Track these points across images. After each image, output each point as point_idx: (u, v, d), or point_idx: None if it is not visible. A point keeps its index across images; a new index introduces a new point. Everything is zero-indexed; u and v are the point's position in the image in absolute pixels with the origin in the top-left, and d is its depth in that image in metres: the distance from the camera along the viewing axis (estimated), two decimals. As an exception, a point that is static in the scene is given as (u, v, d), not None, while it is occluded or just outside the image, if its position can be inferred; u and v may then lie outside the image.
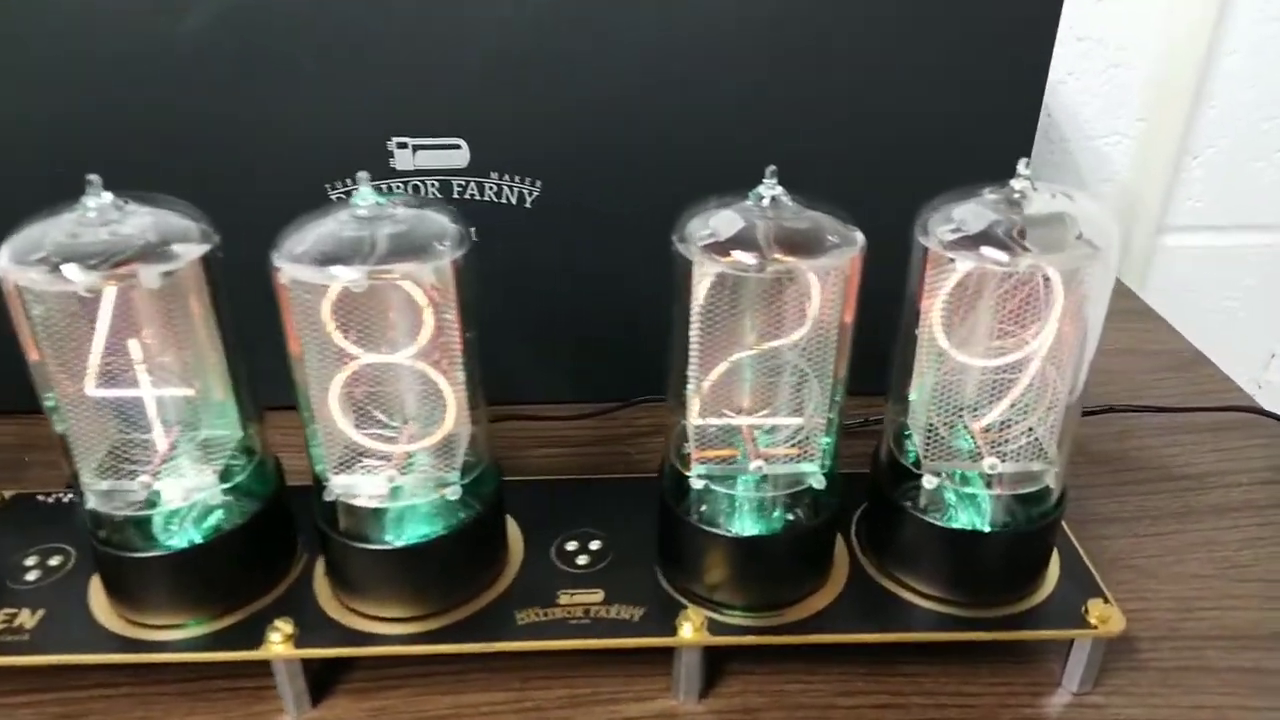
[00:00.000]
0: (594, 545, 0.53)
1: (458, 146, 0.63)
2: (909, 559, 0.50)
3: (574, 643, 0.47)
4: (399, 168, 0.63)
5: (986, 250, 0.42)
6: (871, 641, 0.48)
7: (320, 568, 0.51)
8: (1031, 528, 0.48)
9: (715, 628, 0.48)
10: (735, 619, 0.48)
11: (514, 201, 0.65)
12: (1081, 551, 0.53)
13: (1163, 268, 1.01)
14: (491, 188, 0.64)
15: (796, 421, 0.47)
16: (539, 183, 0.64)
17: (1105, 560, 0.58)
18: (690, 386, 0.46)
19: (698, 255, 0.43)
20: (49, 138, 0.60)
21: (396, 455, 0.47)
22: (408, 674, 0.50)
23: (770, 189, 0.43)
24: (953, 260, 0.42)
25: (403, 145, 0.63)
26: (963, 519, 0.48)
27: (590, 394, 0.70)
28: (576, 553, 0.53)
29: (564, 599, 0.50)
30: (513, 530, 0.54)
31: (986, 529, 0.48)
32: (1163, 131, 0.94)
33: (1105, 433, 0.70)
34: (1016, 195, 0.43)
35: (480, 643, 0.47)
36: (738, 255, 0.42)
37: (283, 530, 0.52)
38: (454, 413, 0.47)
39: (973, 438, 0.48)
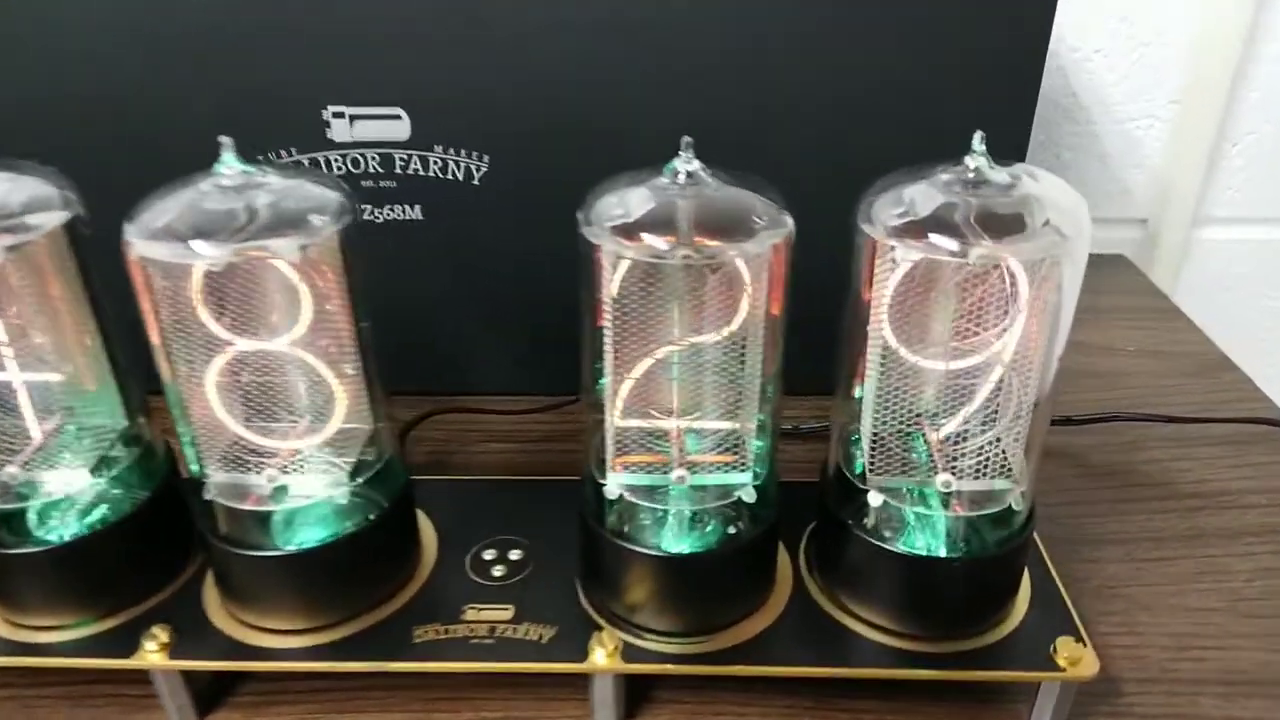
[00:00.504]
0: (514, 555, 0.48)
1: (398, 117, 0.58)
2: (855, 584, 0.44)
3: (469, 665, 0.43)
4: (336, 139, 0.59)
5: (934, 238, 0.36)
6: (799, 675, 0.43)
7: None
8: (994, 553, 0.42)
9: (632, 653, 0.43)
10: (655, 644, 0.43)
11: (460, 178, 0.60)
12: (1057, 579, 0.47)
13: (1197, 263, 0.93)
14: (436, 162, 0.60)
15: (724, 425, 0.42)
16: (487, 158, 0.59)
17: (1094, 588, 0.52)
18: (605, 386, 0.41)
19: (605, 239, 0.38)
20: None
21: (283, 452, 0.43)
22: (304, 689, 0.46)
23: (687, 163, 0.38)
24: (894, 249, 0.37)
25: (339, 115, 0.58)
26: (917, 541, 0.43)
27: (544, 385, 0.65)
28: (493, 562, 0.48)
29: (470, 614, 0.45)
30: (429, 535, 0.50)
31: (941, 553, 0.42)
32: (1199, 115, 0.86)
33: (1110, 443, 0.63)
34: (971, 175, 0.37)
35: (367, 661, 0.43)
36: (649, 239, 0.37)
37: (173, 526, 0.47)
38: (342, 407, 0.42)
39: (929, 449, 0.43)
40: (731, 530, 0.43)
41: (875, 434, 0.42)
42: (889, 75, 0.57)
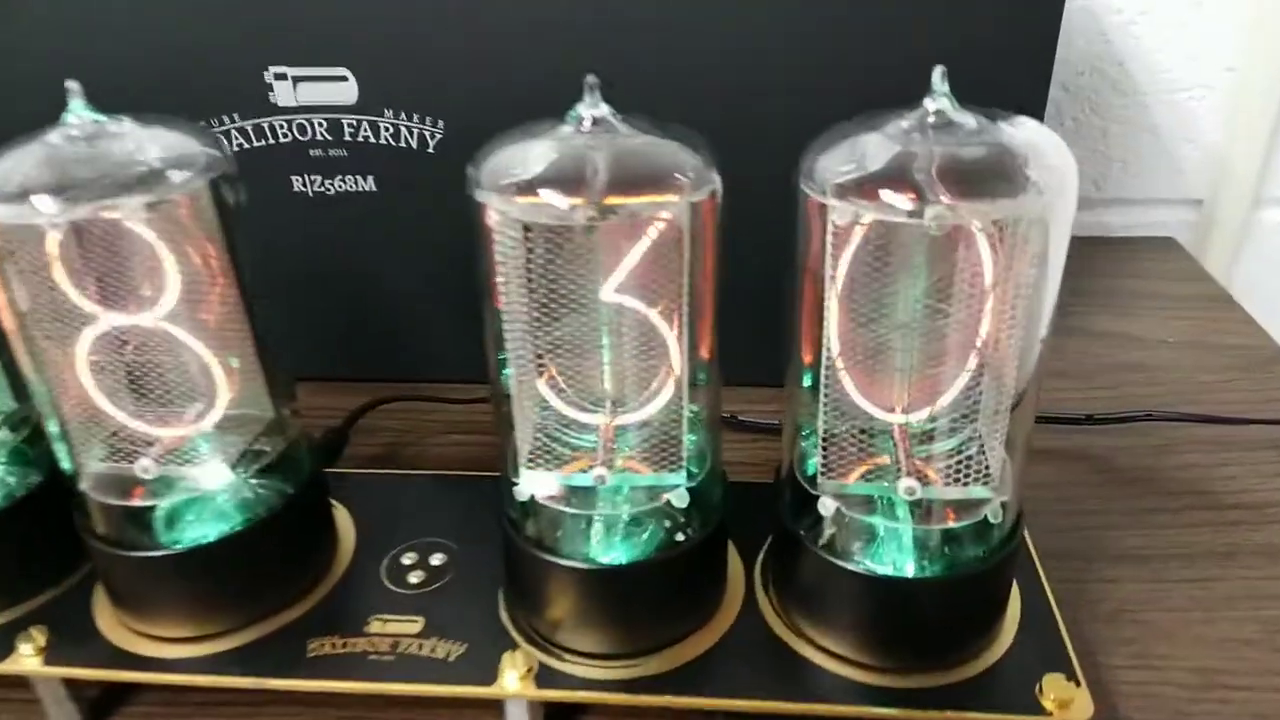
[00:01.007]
0: (436, 560, 0.43)
1: (344, 79, 0.53)
2: (810, 605, 0.38)
3: (357, 686, 0.38)
4: (280, 103, 0.54)
5: (885, 196, 0.30)
6: (740, 710, 0.37)
7: (105, 570, 0.43)
8: (969, 573, 0.36)
9: (549, 677, 0.38)
10: (577, 667, 0.38)
11: (414, 145, 0.55)
12: (1054, 604, 0.40)
13: (1255, 248, 0.84)
14: (387, 129, 0.55)
15: (649, 416, 0.36)
16: (441, 123, 0.54)
17: (1108, 612, 0.45)
18: (509, 375, 0.36)
19: (496, 200, 0.32)
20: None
21: (163, 440, 0.38)
22: (204, 700, 0.42)
23: (593, 107, 0.32)
24: (834, 211, 0.31)
25: (281, 77, 0.54)
26: (883, 557, 0.37)
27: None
28: (412, 568, 0.43)
29: (375, 626, 0.40)
30: (348, 535, 0.45)
31: (908, 572, 0.36)
32: (1258, 84, 0.77)
33: (1140, 445, 0.56)
34: (932, 119, 0.31)
35: (247, 678, 0.38)
36: (548, 198, 0.31)
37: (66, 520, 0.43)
38: (225, 390, 0.38)
39: (895, 449, 0.37)
40: (669, 539, 0.38)
41: (828, 431, 0.36)
42: (887, 39, 0.51)
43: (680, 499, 0.36)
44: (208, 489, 0.38)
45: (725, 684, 0.37)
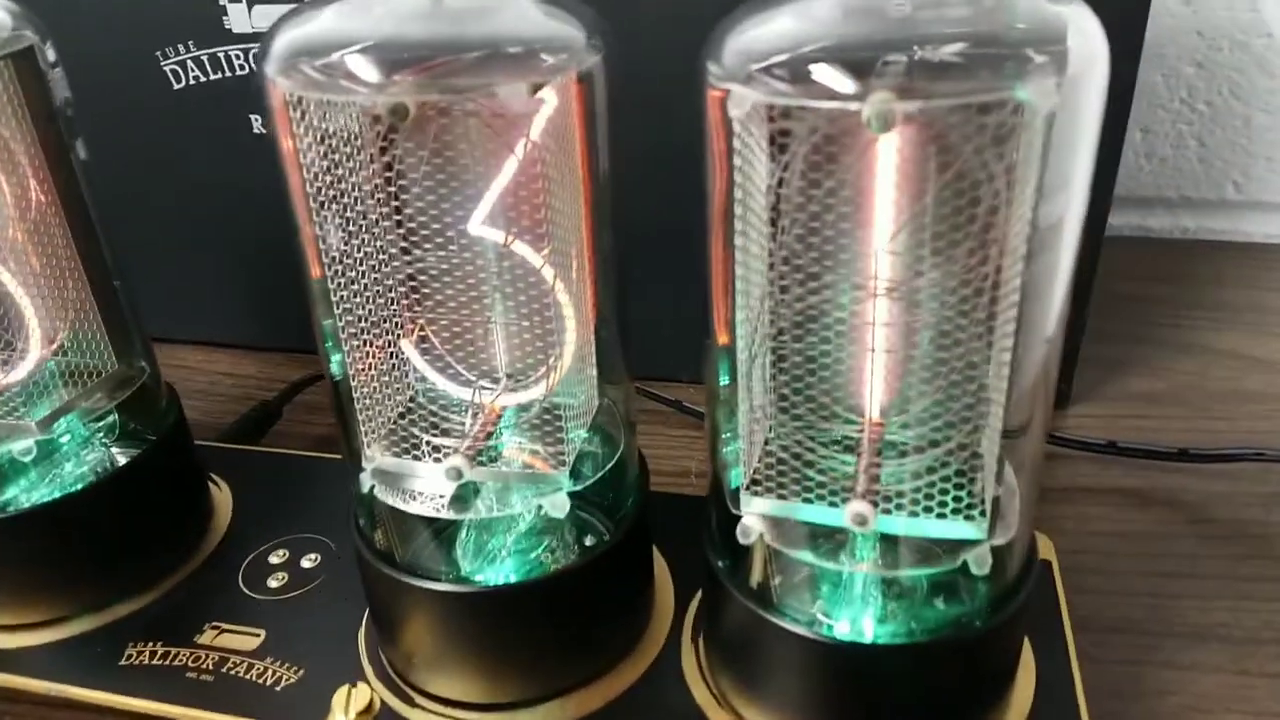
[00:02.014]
0: (308, 561, 0.35)
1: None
2: (734, 668, 0.29)
3: (150, 705, 0.30)
4: (235, 29, 0.48)
5: (821, 74, 0.21)
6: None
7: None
8: (955, 637, 0.26)
9: (391, 722, 0.29)
10: (427, 716, 0.29)
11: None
12: (1079, 692, 0.29)
13: None
14: (351, 62, 0.48)
15: (528, 397, 0.28)
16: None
17: (1173, 709, 0.33)
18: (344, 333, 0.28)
19: (285, 84, 0.24)
20: None
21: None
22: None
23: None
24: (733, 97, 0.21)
25: (235, 0, 0.47)
26: (835, 613, 0.27)
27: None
28: (278, 568, 0.35)
29: (207, 636, 0.33)
30: (224, 522, 0.38)
31: (865, 635, 0.26)
32: None
33: (1247, 492, 0.44)
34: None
35: (38, 679, 0.31)
36: (356, 79, 0.23)
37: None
38: (36, 332, 0.31)
39: (855, 458, 0.27)
40: (538, 560, 0.29)
41: (751, 426, 0.26)
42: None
43: (555, 506, 0.27)
44: (13, 448, 0.31)
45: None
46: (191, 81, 0.50)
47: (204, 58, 0.49)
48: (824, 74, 0.21)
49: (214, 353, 0.56)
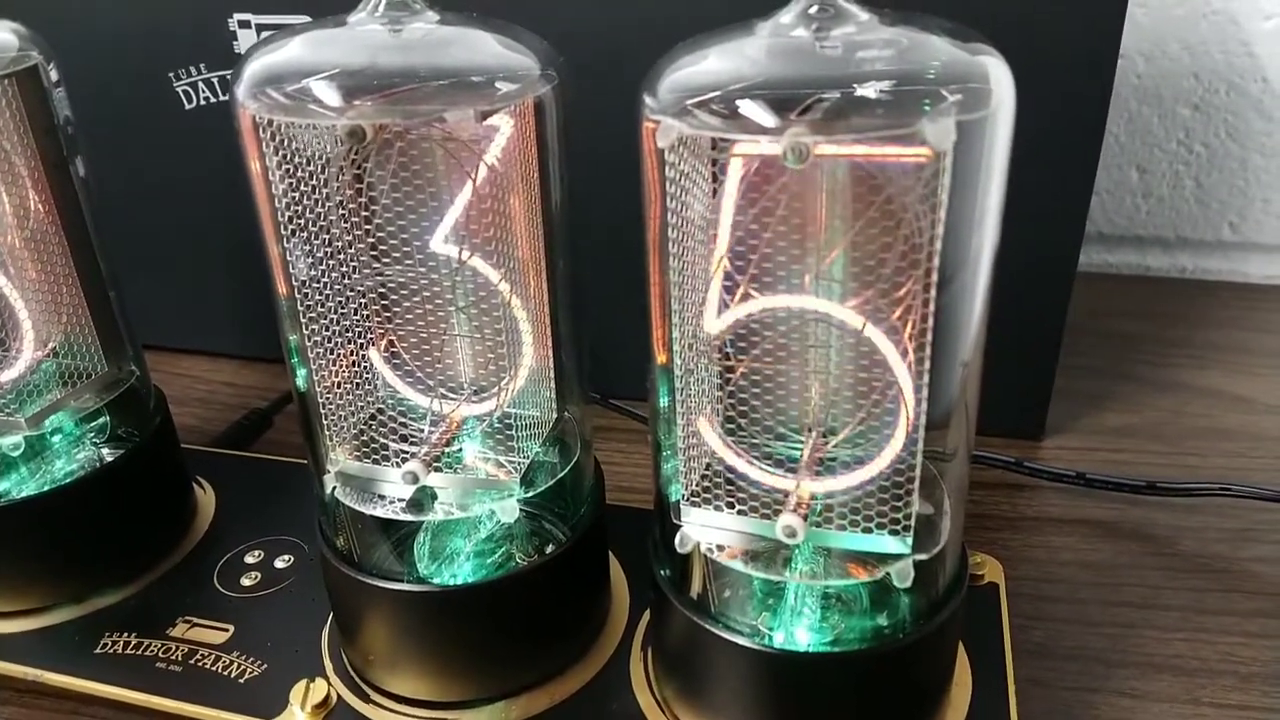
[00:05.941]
0: (281, 562, 0.37)
1: (308, 27, 0.49)
2: (676, 678, 0.30)
3: (117, 692, 0.32)
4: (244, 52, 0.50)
5: (748, 110, 0.22)
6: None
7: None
8: (882, 648, 0.27)
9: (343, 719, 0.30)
10: (379, 712, 0.31)
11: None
12: (1013, 707, 0.30)
13: None
14: (355, 85, 0.50)
15: (482, 408, 0.29)
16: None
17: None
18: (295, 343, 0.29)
19: (253, 106, 0.26)
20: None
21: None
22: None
23: (391, -7, 0.26)
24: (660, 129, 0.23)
25: (245, 24, 0.50)
26: (770, 622, 0.28)
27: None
28: (252, 567, 0.37)
29: (179, 629, 0.34)
30: (205, 521, 0.39)
31: (800, 643, 0.27)
32: None
33: (1214, 527, 0.44)
34: (816, 13, 0.23)
35: (21, 664, 0.33)
36: (323, 104, 0.25)
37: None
38: (30, 335, 0.33)
39: (788, 474, 0.28)
40: (491, 561, 0.30)
41: (687, 437, 0.27)
42: None
43: (505, 512, 0.28)
44: (2, 443, 0.33)
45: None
46: (202, 102, 0.52)
47: (214, 79, 0.51)
48: (748, 109, 0.22)
49: (219, 362, 0.57)
